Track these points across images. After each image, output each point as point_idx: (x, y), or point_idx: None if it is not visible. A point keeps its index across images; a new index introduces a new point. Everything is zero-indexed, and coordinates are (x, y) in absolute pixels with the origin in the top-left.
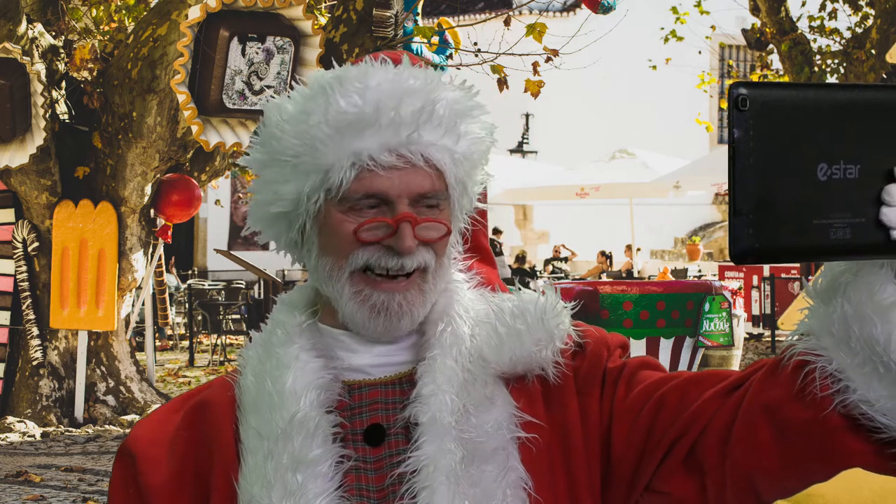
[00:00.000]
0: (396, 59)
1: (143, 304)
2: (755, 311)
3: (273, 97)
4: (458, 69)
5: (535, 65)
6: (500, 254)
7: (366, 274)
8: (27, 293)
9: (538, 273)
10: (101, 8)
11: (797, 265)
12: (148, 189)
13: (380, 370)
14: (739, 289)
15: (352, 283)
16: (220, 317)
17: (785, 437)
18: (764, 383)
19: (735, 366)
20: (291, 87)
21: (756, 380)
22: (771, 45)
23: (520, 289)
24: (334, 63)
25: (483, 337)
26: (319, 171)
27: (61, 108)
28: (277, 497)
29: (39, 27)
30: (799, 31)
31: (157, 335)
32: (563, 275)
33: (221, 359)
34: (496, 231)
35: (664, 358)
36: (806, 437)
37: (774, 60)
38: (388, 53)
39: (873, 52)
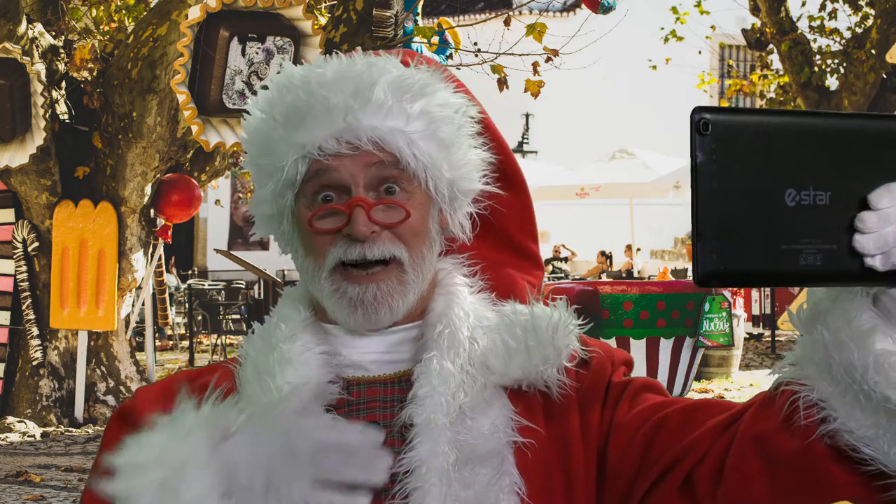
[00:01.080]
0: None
1: (143, 304)
2: (755, 311)
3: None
4: (459, 69)
5: (535, 65)
6: None
7: (343, 268)
8: (27, 293)
9: None
10: (101, 8)
11: None
12: (148, 189)
13: (379, 367)
14: (739, 289)
15: (331, 280)
16: (220, 317)
17: (774, 469)
18: (755, 415)
19: (735, 366)
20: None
21: (750, 411)
22: (771, 45)
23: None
24: None
25: (489, 345)
26: (278, 170)
27: (61, 108)
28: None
29: (39, 27)
30: (799, 31)
31: (157, 335)
32: (563, 275)
33: (221, 359)
34: None
35: (664, 358)
36: (794, 468)
37: (774, 60)
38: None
39: (873, 52)
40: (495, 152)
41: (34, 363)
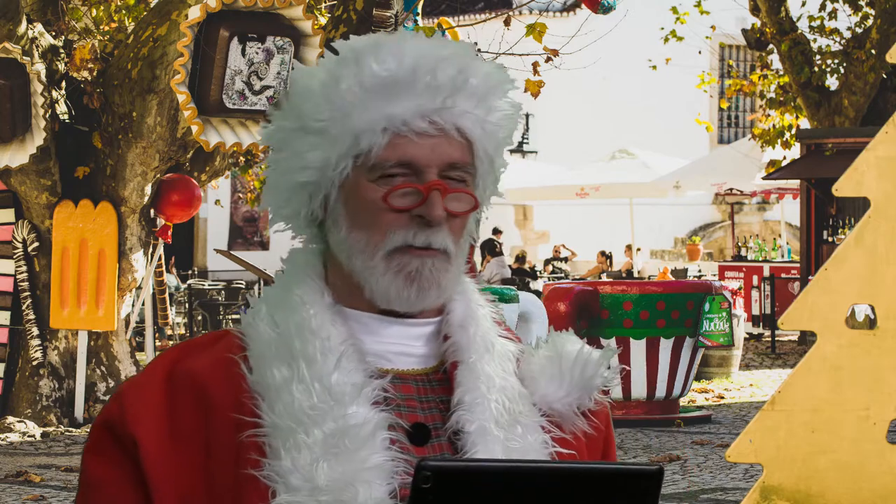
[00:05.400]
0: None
1: (143, 304)
2: (755, 311)
3: (273, 96)
4: None
5: (535, 65)
6: (500, 254)
7: (404, 250)
8: (27, 293)
9: (538, 273)
10: (101, 8)
11: (797, 265)
12: (148, 189)
13: (401, 359)
14: (739, 289)
15: (389, 260)
16: (220, 317)
17: None
18: None
19: (735, 366)
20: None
21: None
22: (771, 45)
23: (521, 289)
24: None
25: (539, 365)
26: (349, 137)
27: (61, 108)
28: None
29: (39, 27)
30: (799, 31)
31: (157, 335)
32: (563, 275)
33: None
34: (496, 231)
35: (664, 358)
36: None
37: (774, 60)
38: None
39: (873, 52)
40: None
41: (34, 363)
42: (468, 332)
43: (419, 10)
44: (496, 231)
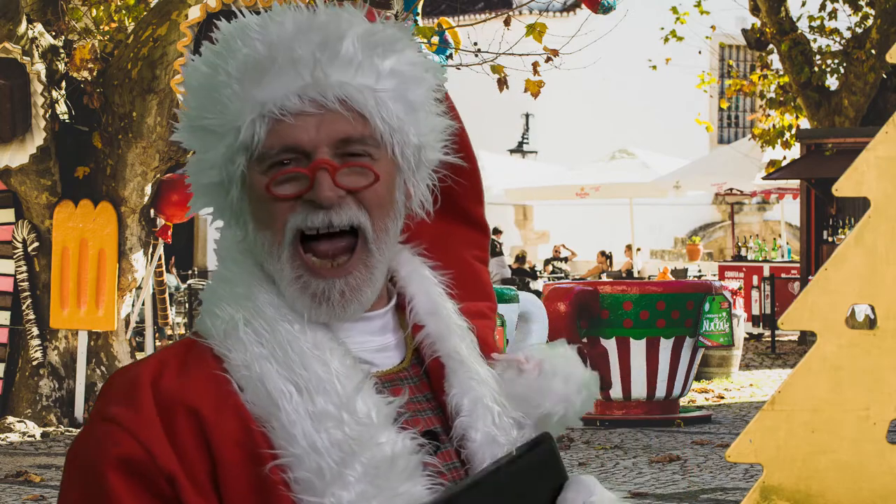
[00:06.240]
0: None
1: (143, 304)
2: (755, 311)
3: (192, 59)
4: (458, 69)
5: (535, 65)
6: (500, 254)
7: (304, 254)
8: (27, 293)
9: (538, 273)
10: (101, 8)
11: (797, 265)
12: (148, 189)
13: (381, 357)
14: (739, 289)
15: (292, 265)
16: None
17: None
18: None
19: (735, 366)
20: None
21: None
22: (771, 45)
23: (521, 289)
24: None
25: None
26: (232, 131)
27: (61, 108)
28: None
29: (39, 27)
30: (799, 31)
31: (157, 335)
32: (563, 275)
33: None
34: (496, 231)
35: (664, 358)
36: None
37: (774, 60)
38: None
39: (873, 52)
40: (453, 118)
41: (34, 363)
42: (441, 318)
43: (419, 10)
44: (496, 231)
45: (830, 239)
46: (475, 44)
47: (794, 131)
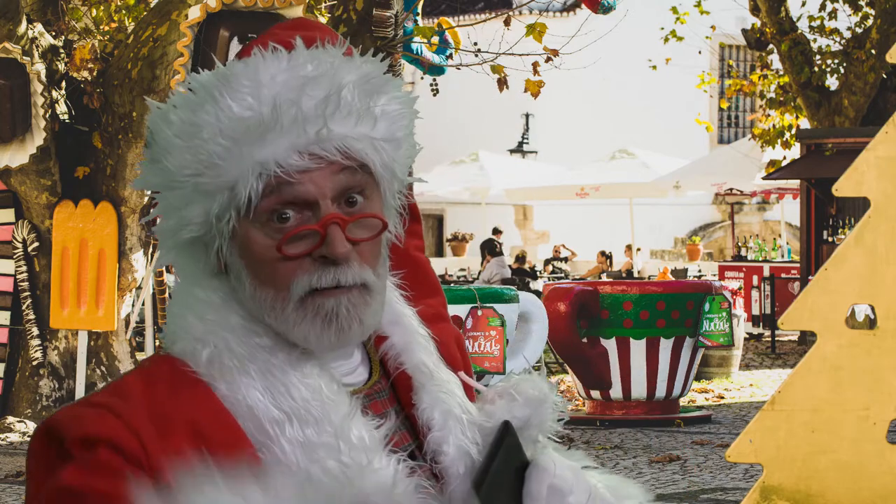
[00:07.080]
0: (287, 45)
1: (143, 304)
2: (755, 311)
3: (158, 107)
4: (458, 69)
5: (535, 65)
6: (500, 254)
7: (312, 294)
8: (27, 293)
9: (538, 273)
10: (101, 8)
11: (797, 265)
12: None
13: (355, 375)
14: (739, 289)
15: (300, 310)
16: None
17: None
18: None
19: (735, 366)
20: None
21: None
22: (771, 45)
23: (521, 289)
24: None
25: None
26: (224, 189)
27: (61, 108)
28: None
29: (39, 27)
30: (799, 31)
31: (157, 335)
32: (563, 275)
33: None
34: (496, 231)
35: (664, 358)
36: None
37: (774, 60)
38: (281, 31)
39: (873, 52)
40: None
41: (34, 363)
42: (403, 327)
43: (419, 10)
44: (496, 231)
45: (830, 239)
46: (475, 44)
47: (794, 131)
